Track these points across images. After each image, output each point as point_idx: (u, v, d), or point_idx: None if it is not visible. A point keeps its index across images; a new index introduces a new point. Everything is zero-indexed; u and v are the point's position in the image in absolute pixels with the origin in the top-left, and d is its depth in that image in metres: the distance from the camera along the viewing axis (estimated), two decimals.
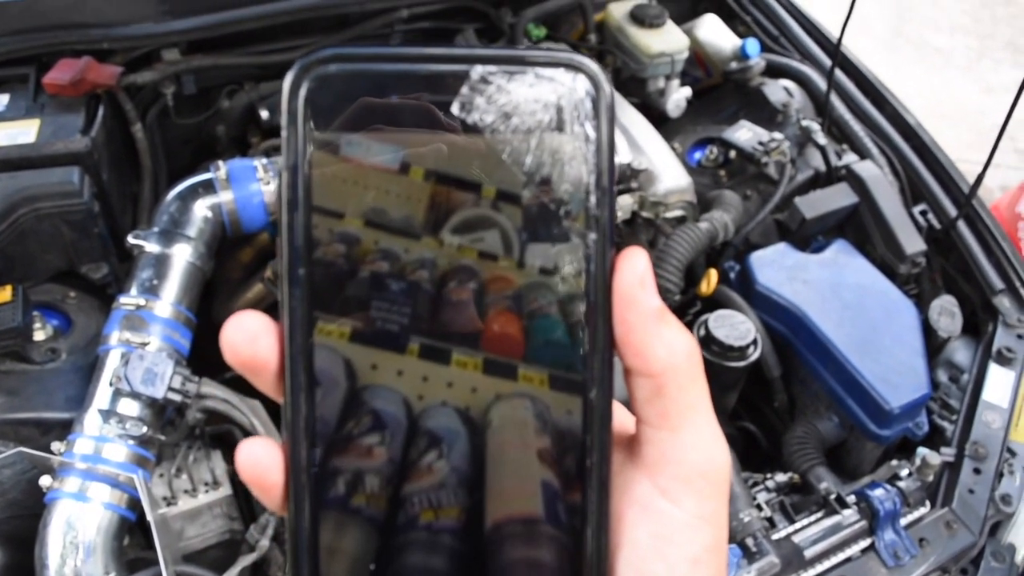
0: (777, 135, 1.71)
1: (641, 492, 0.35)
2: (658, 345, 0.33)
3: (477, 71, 0.32)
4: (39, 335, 1.31)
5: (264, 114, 1.68)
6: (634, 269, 0.33)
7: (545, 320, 0.33)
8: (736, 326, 1.40)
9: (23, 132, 1.41)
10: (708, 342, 1.40)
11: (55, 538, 1.09)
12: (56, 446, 1.15)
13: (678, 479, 0.34)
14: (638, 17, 1.86)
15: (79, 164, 1.36)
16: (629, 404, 0.36)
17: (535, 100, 0.32)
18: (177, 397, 1.19)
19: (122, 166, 1.59)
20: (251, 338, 0.33)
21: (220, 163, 1.40)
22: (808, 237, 1.68)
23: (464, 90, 0.32)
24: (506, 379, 0.33)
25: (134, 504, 1.15)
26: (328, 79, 0.32)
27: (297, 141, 0.31)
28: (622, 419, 0.36)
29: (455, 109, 0.31)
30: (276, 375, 0.33)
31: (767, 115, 1.84)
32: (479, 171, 0.32)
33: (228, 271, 1.59)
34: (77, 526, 1.10)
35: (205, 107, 1.75)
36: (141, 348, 1.21)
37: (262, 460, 0.33)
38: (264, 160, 1.42)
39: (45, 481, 1.12)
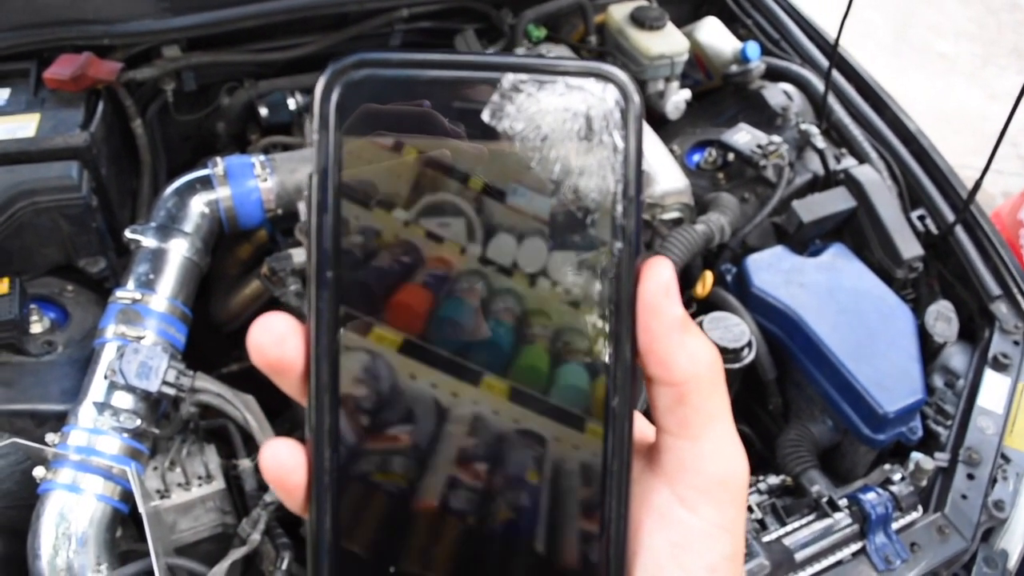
0: (776, 138, 1.71)
1: (660, 500, 0.35)
2: (681, 354, 0.33)
3: (508, 79, 0.32)
4: (36, 328, 1.31)
5: (263, 111, 1.69)
6: (659, 278, 0.33)
7: (569, 327, 0.33)
8: (731, 328, 1.40)
9: (23, 126, 1.41)
10: None
11: (48, 529, 1.10)
12: (50, 437, 1.16)
13: (697, 488, 0.34)
14: (638, 19, 1.87)
15: (78, 159, 1.37)
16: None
17: (565, 109, 0.32)
18: (171, 391, 1.19)
19: (121, 162, 1.59)
20: (278, 340, 0.33)
21: (218, 159, 1.41)
22: (805, 241, 1.68)
23: (495, 98, 0.32)
24: (530, 386, 0.33)
25: (127, 496, 1.15)
26: (359, 84, 0.32)
27: (328, 145, 0.32)
28: (641, 427, 0.37)
29: (485, 116, 0.32)
30: (301, 377, 0.33)
31: (766, 118, 1.84)
32: (507, 178, 0.32)
33: (226, 268, 1.59)
34: (70, 517, 1.11)
35: (205, 104, 1.75)
36: (136, 342, 1.22)
37: (286, 461, 0.33)
38: (262, 157, 1.43)
39: (39, 472, 1.12)
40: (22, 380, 1.26)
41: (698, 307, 1.53)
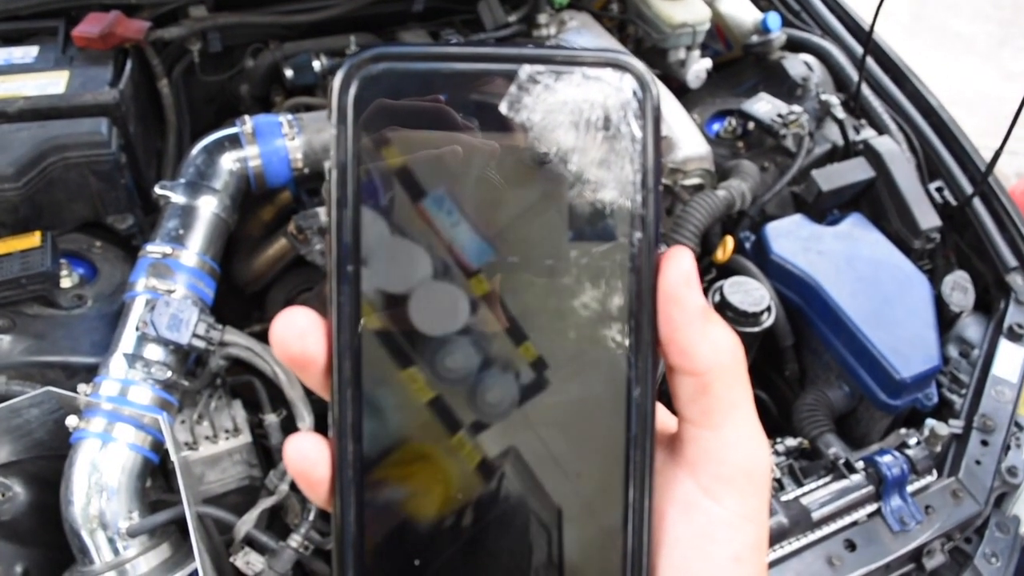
0: (796, 108, 1.72)
1: (683, 490, 0.35)
2: (703, 343, 0.33)
3: (525, 70, 0.32)
4: (66, 282, 1.33)
5: (288, 73, 1.69)
6: (679, 267, 0.33)
7: (590, 318, 0.33)
8: (751, 292, 1.41)
9: (52, 83, 1.43)
10: (722, 307, 1.41)
11: (80, 477, 1.12)
12: (82, 388, 1.18)
13: (720, 477, 0.34)
14: None
15: (107, 116, 1.38)
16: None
17: (583, 100, 0.32)
18: (201, 344, 1.21)
19: (148, 120, 1.61)
20: (300, 334, 0.33)
21: (246, 117, 1.42)
22: (824, 210, 1.69)
23: (512, 89, 0.32)
24: (553, 376, 0.33)
25: (157, 447, 1.17)
26: (377, 78, 0.32)
27: (346, 139, 0.32)
28: (663, 418, 0.37)
29: (503, 108, 0.32)
30: (324, 371, 0.33)
31: (786, 89, 1.84)
32: (525, 170, 0.32)
33: (249, 229, 1.61)
34: (102, 467, 1.13)
35: (230, 65, 1.76)
36: (167, 295, 1.23)
37: (310, 455, 0.33)
38: (289, 116, 1.44)
39: (71, 421, 1.14)
40: (53, 332, 1.28)
41: (717, 272, 1.55)
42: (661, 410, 0.36)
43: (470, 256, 0.32)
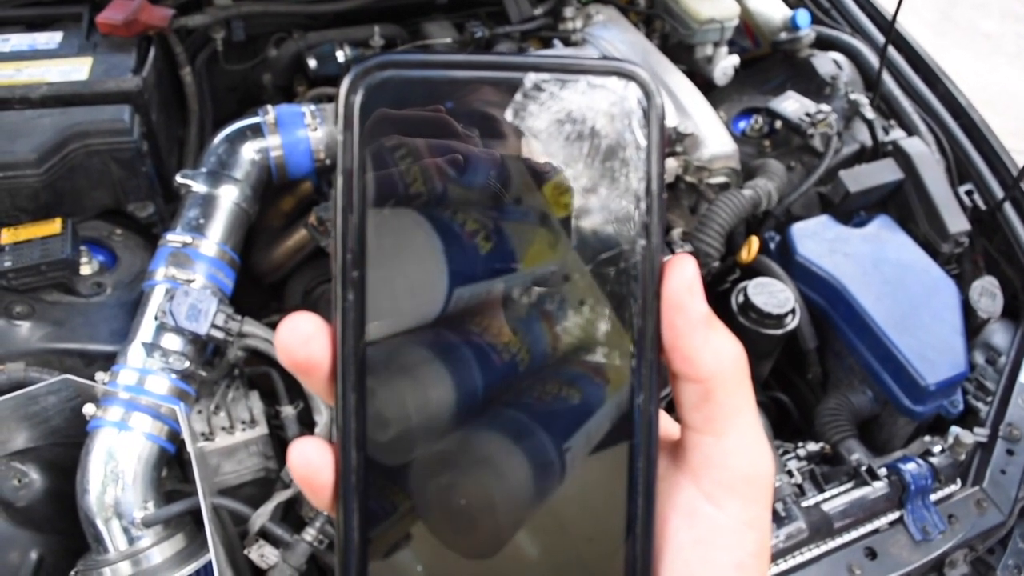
0: (824, 107, 1.69)
1: (686, 497, 0.35)
2: (706, 351, 0.33)
3: (530, 78, 0.32)
4: (86, 269, 1.33)
5: (312, 63, 1.68)
6: (683, 275, 0.33)
7: (594, 324, 0.33)
8: (775, 294, 1.39)
9: (76, 69, 1.42)
10: (746, 309, 1.39)
11: (96, 465, 1.12)
12: (100, 376, 1.17)
13: (723, 484, 0.34)
14: None
15: (130, 103, 1.38)
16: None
17: (587, 107, 0.32)
18: (220, 334, 1.20)
19: (170, 109, 1.60)
20: (304, 340, 0.33)
21: (268, 107, 1.41)
22: (851, 211, 1.67)
23: (517, 97, 0.32)
24: (556, 382, 0.33)
25: (173, 437, 1.17)
26: (383, 85, 0.32)
27: (352, 146, 0.32)
28: (665, 425, 0.37)
29: (509, 116, 0.32)
30: (328, 377, 0.33)
31: (815, 87, 1.81)
32: (530, 177, 0.32)
33: (269, 219, 1.60)
34: (118, 455, 1.12)
35: (253, 54, 1.76)
36: (186, 285, 1.23)
37: (313, 460, 0.33)
38: (312, 107, 1.43)
39: (89, 409, 1.14)
40: (72, 320, 1.28)
41: (741, 273, 1.53)
42: (664, 417, 0.36)
43: (474, 264, 0.32)
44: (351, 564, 0.33)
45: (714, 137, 1.58)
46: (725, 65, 1.84)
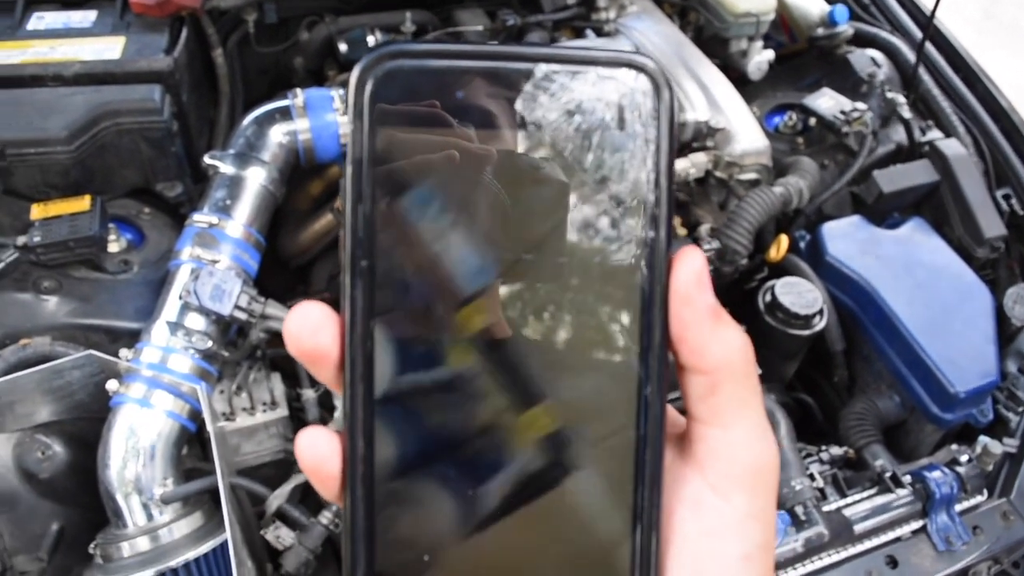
0: (860, 105, 1.66)
1: (692, 489, 0.35)
2: (714, 342, 0.33)
3: (541, 69, 0.32)
4: (113, 247, 1.34)
5: (343, 47, 1.68)
6: (691, 267, 0.33)
7: (602, 316, 0.33)
8: (803, 294, 1.37)
9: (109, 48, 1.43)
10: (773, 308, 1.37)
11: (118, 441, 1.13)
12: (124, 353, 1.18)
13: (729, 476, 0.34)
14: None
15: (161, 83, 1.38)
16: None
17: (597, 99, 0.32)
18: (243, 315, 1.21)
19: (201, 89, 1.61)
20: (313, 329, 0.33)
21: (298, 91, 1.41)
22: (884, 212, 1.63)
23: (527, 87, 0.32)
24: (563, 375, 0.33)
25: (195, 416, 1.17)
26: (394, 75, 0.32)
27: (363, 135, 0.32)
28: (672, 417, 0.37)
29: (518, 106, 0.32)
30: (336, 366, 0.33)
31: (851, 85, 1.78)
32: (539, 168, 0.32)
33: (296, 203, 1.60)
34: (139, 432, 1.13)
35: (284, 37, 1.76)
36: (211, 265, 1.23)
37: (321, 450, 0.33)
38: (341, 91, 1.42)
39: (112, 385, 1.15)
40: (98, 296, 1.29)
41: (770, 271, 1.51)
42: (669, 410, 0.36)
43: (483, 255, 0.32)
44: (358, 554, 0.33)
45: (746, 133, 1.55)
46: (760, 60, 1.81)
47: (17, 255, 1.21)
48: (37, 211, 1.25)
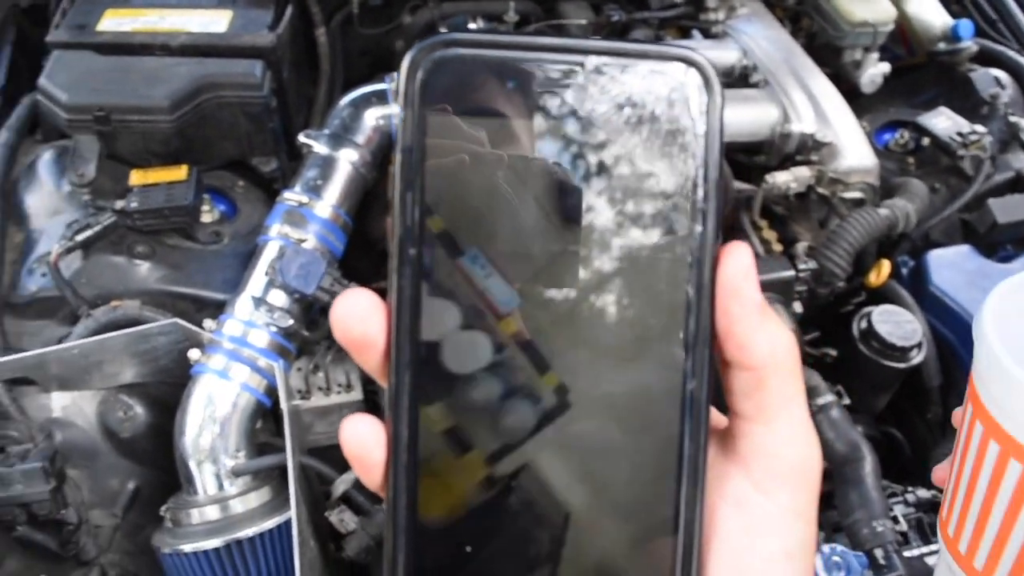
0: (979, 128, 1.56)
1: (734, 486, 0.35)
2: (760, 338, 0.33)
3: (591, 62, 0.32)
4: (206, 217, 1.36)
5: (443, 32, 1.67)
6: (739, 262, 0.33)
7: (648, 310, 0.33)
8: (902, 324, 1.30)
9: (215, 21, 1.45)
10: (868, 337, 1.31)
11: (196, 409, 1.15)
12: (208, 323, 1.20)
13: (772, 473, 0.35)
14: None
15: (263, 59, 1.40)
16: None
17: (647, 92, 0.32)
18: (325, 296, 1.21)
19: (302, 68, 1.62)
20: (362, 316, 0.33)
21: (396, 75, 1.41)
22: (996, 244, 1.54)
23: (578, 80, 0.32)
24: (611, 367, 0.33)
25: (271, 391, 1.19)
26: (445, 63, 0.32)
27: (413, 123, 0.32)
28: (712, 414, 0.36)
29: (569, 98, 0.32)
30: (383, 355, 0.33)
31: (971, 105, 1.68)
32: (589, 160, 0.33)
33: (387, 186, 1.60)
34: (216, 402, 1.15)
35: (387, 20, 1.76)
36: (298, 244, 1.24)
37: (366, 438, 0.33)
38: None
39: (194, 354, 1.17)
40: (188, 265, 1.31)
41: (867, 297, 1.44)
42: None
43: (531, 245, 0.33)
44: (400, 542, 0.33)
45: (854, 148, 1.48)
46: (874, 72, 1.73)
47: (115, 219, 1.24)
48: (136, 177, 1.28)
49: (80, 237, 1.22)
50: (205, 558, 1.08)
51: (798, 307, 1.37)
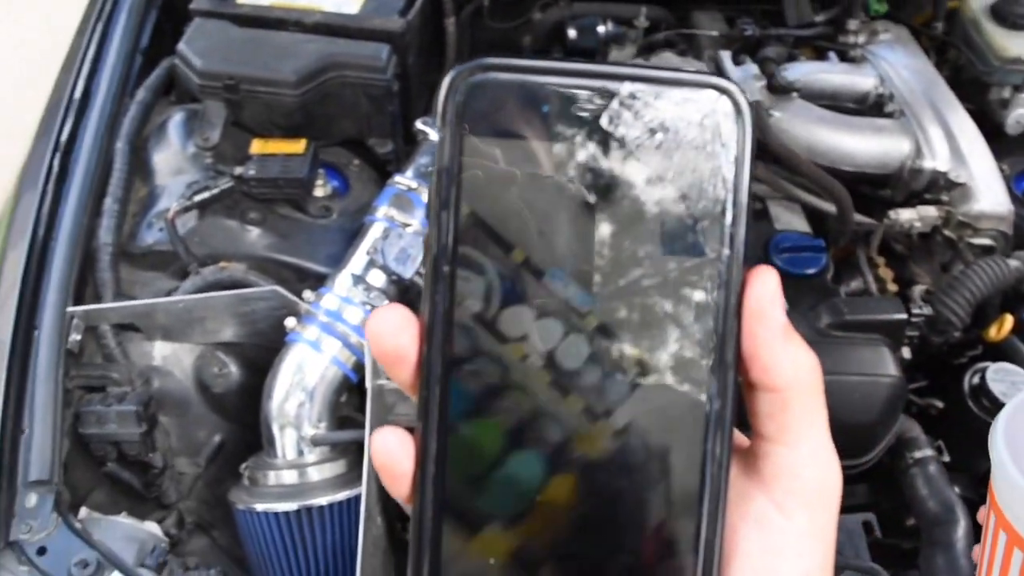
0: None
1: (755, 506, 0.36)
2: (785, 361, 0.34)
3: (626, 87, 0.33)
4: (318, 191, 1.40)
5: (571, 33, 1.66)
6: (766, 286, 0.34)
7: (675, 331, 0.34)
8: (1018, 385, 1.21)
9: (348, 2, 1.49)
10: (979, 393, 1.23)
11: (285, 376, 1.18)
12: (307, 295, 1.24)
13: (793, 493, 0.35)
14: (1000, 13, 1.62)
15: (391, 43, 1.42)
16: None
17: (680, 118, 0.33)
18: (422, 282, 1.22)
19: (428, 55, 1.64)
20: (395, 330, 0.34)
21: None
22: None
23: (613, 105, 0.33)
24: (637, 387, 0.34)
25: (359, 367, 1.21)
26: (483, 87, 0.33)
27: (450, 144, 0.33)
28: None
29: (603, 122, 0.33)
30: (415, 368, 0.34)
31: None
32: (621, 184, 0.33)
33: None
34: (305, 371, 1.18)
35: (517, 15, 1.76)
36: (402, 228, 1.26)
37: (394, 449, 0.34)
38: None
39: (290, 322, 1.21)
40: (296, 236, 1.36)
41: (984, 351, 1.34)
42: None
43: (563, 265, 0.34)
44: (424, 552, 0.34)
45: (989, 192, 1.39)
46: (1020, 114, 1.62)
47: (232, 184, 1.29)
48: (257, 146, 1.33)
49: (198, 198, 1.28)
50: (275, 519, 1.11)
51: (907, 352, 1.30)
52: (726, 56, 1.53)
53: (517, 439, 0.34)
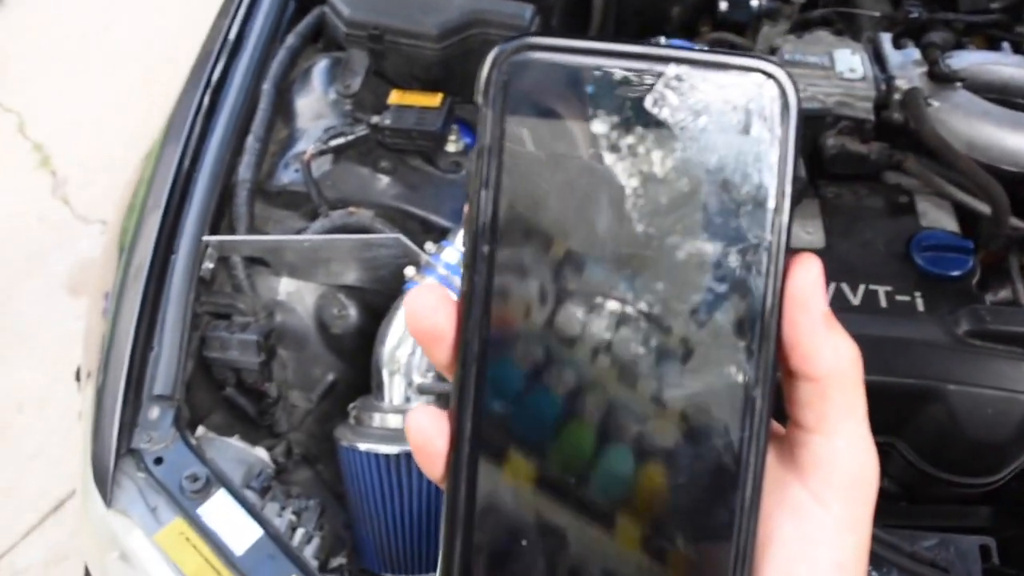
0: None
1: (791, 494, 0.35)
2: (826, 349, 0.34)
3: (671, 70, 0.33)
4: (450, 146, 1.41)
5: (723, 6, 1.60)
6: (808, 273, 0.34)
7: (715, 316, 0.33)
8: None
9: None
10: None
11: (399, 323, 1.21)
12: (429, 246, 1.26)
13: (830, 483, 0.35)
14: None
15: (535, 3, 1.41)
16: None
17: (725, 102, 0.33)
18: None
19: (572, 18, 1.63)
20: (432, 309, 0.34)
21: (661, 39, 1.37)
22: None
23: (658, 87, 0.33)
24: (674, 372, 0.34)
25: None
26: (526, 66, 0.33)
27: (492, 123, 0.33)
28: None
29: (648, 104, 0.33)
30: (453, 347, 0.34)
31: None
32: (665, 166, 0.33)
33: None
34: None
35: None
36: None
37: (429, 429, 0.35)
38: (705, 48, 1.36)
39: (409, 272, 1.23)
40: (424, 188, 1.38)
41: None
42: None
43: (603, 247, 0.33)
44: (457, 533, 0.34)
45: None
46: None
47: (367, 132, 1.32)
48: (395, 97, 1.35)
49: (333, 143, 1.32)
50: (375, 460, 1.15)
51: None
52: (886, 39, 1.44)
53: (552, 420, 0.34)
